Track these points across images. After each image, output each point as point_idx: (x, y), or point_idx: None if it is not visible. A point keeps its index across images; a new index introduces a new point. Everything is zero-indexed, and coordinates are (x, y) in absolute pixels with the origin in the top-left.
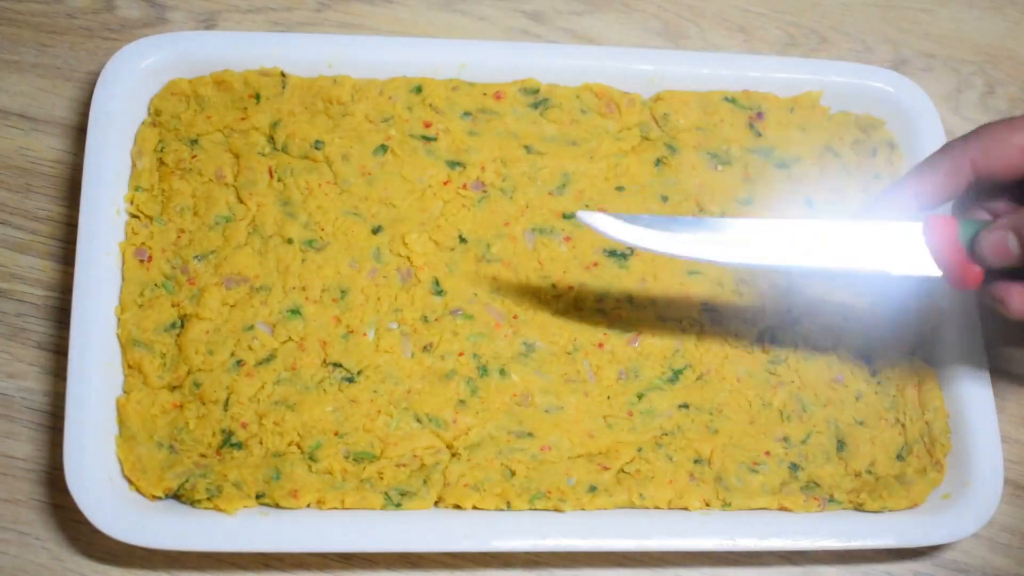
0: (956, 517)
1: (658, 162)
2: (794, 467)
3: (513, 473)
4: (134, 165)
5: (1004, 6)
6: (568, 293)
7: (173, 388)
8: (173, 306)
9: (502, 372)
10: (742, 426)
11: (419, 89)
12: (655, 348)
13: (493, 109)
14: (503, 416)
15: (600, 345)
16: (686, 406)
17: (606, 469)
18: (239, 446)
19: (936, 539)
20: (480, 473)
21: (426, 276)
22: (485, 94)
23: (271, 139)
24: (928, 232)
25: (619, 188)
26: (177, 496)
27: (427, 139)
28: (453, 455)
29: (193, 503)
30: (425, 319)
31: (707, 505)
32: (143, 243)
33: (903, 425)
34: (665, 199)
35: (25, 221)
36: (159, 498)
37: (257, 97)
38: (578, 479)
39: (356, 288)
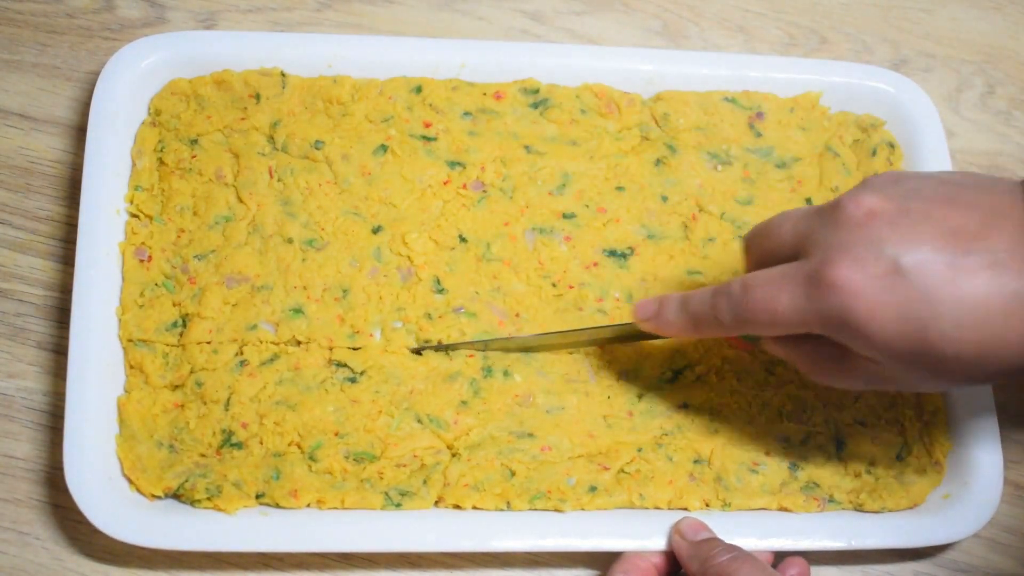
0: (956, 517)
1: (658, 162)
2: (794, 467)
3: (513, 473)
4: (134, 165)
5: (1004, 6)
6: (568, 293)
7: (175, 387)
8: (174, 305)
9: (506, 373)
10: (742, 426)
11: (419, 89)
12: (655, 348)
13: (493, 109)
14: (504, 416)
15: (601, 345)
16: (686, 406)
17: (606, 469)
18: (239, 446)
19: (936, 539)
20: (480, 473)
21: (427, 275)
22: (485, 94)
23: (271, 139)
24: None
25: (619, 188)
26: (177, 496)
27: (427, 139)
28: (453, 455)
29: (193, 503)
30: (428, 316)
31: (707, 505)
32: (143, 243)
33: (903, 425)
34: (665, 199)
35: (25, 221)
36: (159, 498)
37: (257, 97)
38: (578, 479)
39: (357, 287)
